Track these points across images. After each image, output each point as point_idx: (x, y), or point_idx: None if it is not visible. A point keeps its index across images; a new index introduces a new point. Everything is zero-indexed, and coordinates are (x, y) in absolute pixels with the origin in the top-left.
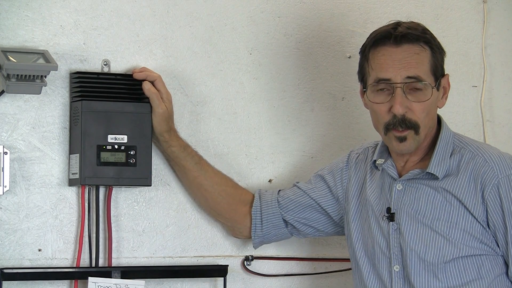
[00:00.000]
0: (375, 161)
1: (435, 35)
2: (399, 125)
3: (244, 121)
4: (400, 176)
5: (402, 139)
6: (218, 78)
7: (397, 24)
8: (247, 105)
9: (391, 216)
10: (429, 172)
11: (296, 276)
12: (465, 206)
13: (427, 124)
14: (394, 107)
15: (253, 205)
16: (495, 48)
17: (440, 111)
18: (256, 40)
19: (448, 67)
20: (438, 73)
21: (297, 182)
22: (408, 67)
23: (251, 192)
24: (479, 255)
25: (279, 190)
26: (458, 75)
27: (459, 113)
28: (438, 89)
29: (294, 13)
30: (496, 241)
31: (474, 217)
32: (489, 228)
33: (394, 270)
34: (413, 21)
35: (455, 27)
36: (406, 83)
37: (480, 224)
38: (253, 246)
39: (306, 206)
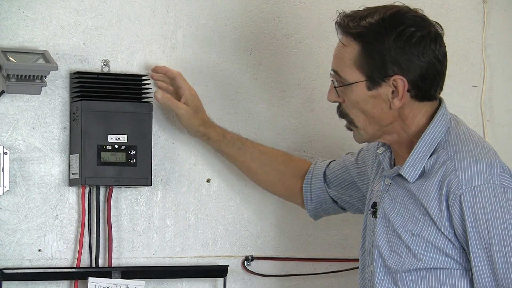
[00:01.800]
0: (378, 148)
1: (399, 34)
2: (337, 111)
3: (244, 121)
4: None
5: (347, 128)
6: (218, 78)
7: (360, 12)
8: (247, 105)
9: (374, 212)
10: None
11: (296, 276)
12: (429, 215)
13: (372, 122)
14: (327, 93)
15: (306, 178)
16: (495, 48)
17: None
18: (256, 40)
19: (448, 67)
20: (375, 72)
21: (347, 153)
22: (334, 59)
23: (307, 161)
24: (443, 268)
25: (331, 162)
26: (458, 75)
27: (459, 113)
28: (371, 89)
29: (294, 13)
30: (466, 254)
31: (438, 227)
32: (457, 240)
33: (371, 270)
34: (382, 8)
35: (455, 27)
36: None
37: (445, 235)
38: (312, 218)
39: (349, 183)
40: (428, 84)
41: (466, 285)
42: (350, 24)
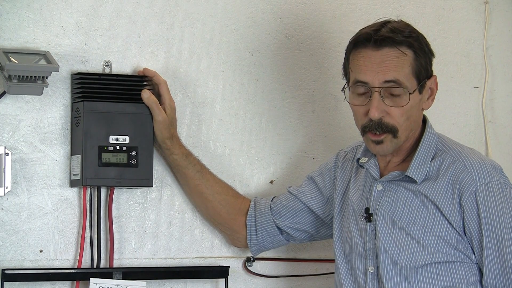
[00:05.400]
0: (358, 159)
1: (424, 36)
2: (375, 128)
3: (245, 122)
4: (381, 176)
5: (378, 142)
6: (220, 79)
7: (382, 25)
8: (248, 106)
9: (369, 217)
10: (408, 175)
11: (297, 277)
12: (441, 212)
13: (408, 127)
14: (370, 111)
15: (248, 214)
16: (496, 49)
17: (441, 112)
18: (258, 41)
19: (449, 68)
20: (422, 76)
21: (289, 187)
22: (386, 71)
23: (250, 200)
24: (453, 262)
25: (273, 197)
26: (460, 76)
27: (460, 114)
28: (421, 92)
29: (296, 14)
30: (472, 249)
31: (450, 223)
32: (465, 235)
33: (369, 271)
34: (402, 20)
35: (457, 28)
36: (383, 87)
37: (456, 230)
38: (252, 254)
39: (298, 211)
40: None
41: (474, 277)
42: (399, 36)
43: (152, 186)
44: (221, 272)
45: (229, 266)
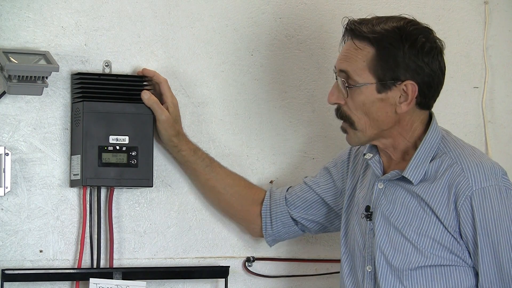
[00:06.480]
0: (365, 154)
1: (419, 40)
2: (336, 113)
3: (245, 122)
4: (385, 173)
5: (343, 130)
6: (220, 79)
7: (370, 19)
8: (248, 106)
9: (369, 215)
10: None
11: (297, 277)
12: (436, 215)
13: (373, 125)
14: (328, 95)
15: (263, 204)
16: (496, 49)
17: (441, 112)
18: (258, 41)
19: (449, 68)
20: (386, 76)
21: (305, 177)
22: (343, 60)
23: (265, 190)
24: (449, 265)
25: (289, 187)
26: (460, 76)
27: (460, 114)
28: (381, 92)
29: (296, 14)
30: (468, 253)
31: (445, 227)
32: (461, 239)
33: (367, 270)
34: (405, 18)
35: (457, 28)
36: (339, 76)
37: (451, 234)
38: (268, 244)
39: (313, 202)
40: (431, 92)
41: (469, 281)
42: (364, 29)
43: (152, 186)
44: (221, 272)
45: (229, 266)
